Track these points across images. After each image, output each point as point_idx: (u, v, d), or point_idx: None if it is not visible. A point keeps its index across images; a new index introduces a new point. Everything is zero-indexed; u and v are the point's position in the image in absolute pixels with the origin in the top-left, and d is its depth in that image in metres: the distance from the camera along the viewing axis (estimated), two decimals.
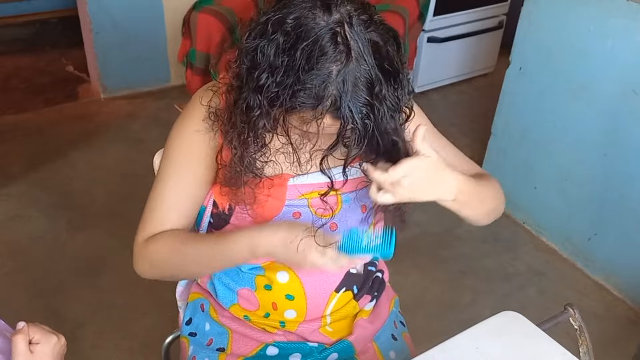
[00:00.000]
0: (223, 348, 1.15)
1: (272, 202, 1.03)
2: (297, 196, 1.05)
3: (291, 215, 1.05)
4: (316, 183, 1.05)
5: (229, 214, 1.06)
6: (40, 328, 0.88)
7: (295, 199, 1.05)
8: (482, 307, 2.22)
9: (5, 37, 4.07)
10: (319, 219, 1.06)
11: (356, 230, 0.93)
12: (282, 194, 1.03)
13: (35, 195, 2.65)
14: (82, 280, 2.23)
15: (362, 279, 1.15)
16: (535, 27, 2.37)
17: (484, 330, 1.06)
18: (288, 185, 1.04)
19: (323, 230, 0.95)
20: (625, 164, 2.17)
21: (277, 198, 1.03)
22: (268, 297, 1.10)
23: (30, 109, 3.32)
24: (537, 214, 2.59)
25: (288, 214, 1.05)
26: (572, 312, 1.13)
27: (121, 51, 3.35)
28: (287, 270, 1.08)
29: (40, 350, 0.86)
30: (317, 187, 1.05)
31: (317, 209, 1.06)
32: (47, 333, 0.88)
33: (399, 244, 0.93)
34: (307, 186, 1.05)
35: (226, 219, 1.07)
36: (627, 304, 2.28)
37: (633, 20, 2.02)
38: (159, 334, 1.37)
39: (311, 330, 1.13)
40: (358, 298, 1.16)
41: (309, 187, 1.05)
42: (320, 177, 1.04)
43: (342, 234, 0.93)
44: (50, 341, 0.87)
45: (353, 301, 1.15)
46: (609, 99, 2.16)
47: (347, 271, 1.12)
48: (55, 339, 0.88)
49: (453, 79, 3.77)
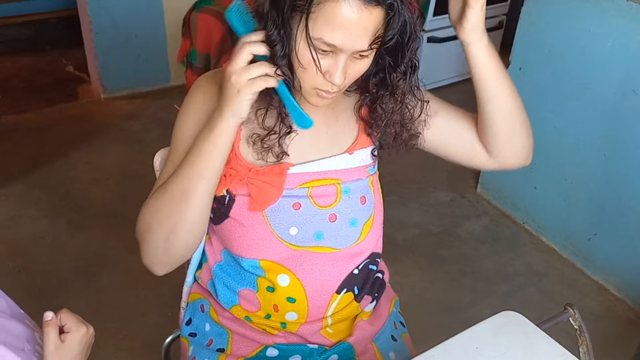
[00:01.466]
0: (223, 349, 1.15)
1: (270, 189, 1.03)
2: (297, 185, 1.05)
3: (291, 206, 1.05)
4: (317, 172, 1.06)
5: (229, 206, 1.06)
6: (72, 315, 0.90)
7: (296, 187, 1.05)
8: (482, 307, 2.22)
9: (5, 37, 4.08)
10: (318, 209, 1.06)
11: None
12: (280, 182, 1.03)
13: (35, 195, 2.65)
14: (82, 280, 2.23)
15: (362, 280, 1.15)
16: (535, 27, 2.37)
17: (484, 330, 1.06)
18: (288, 174, 1.04)
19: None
20: (625, 164, 2.17)
21: (275, 186, 1.03)
22: (269, 298, 1.10)
23: (30, 109, 3.32)
24: (537, 214, 2.59)
25: (287, 205, 1.05)
26: (572, 312, 1.13)
27: (121, 51, 3.36)
28: (287, 273, 1.08)
29: (70, 340, 0.88)
30: (318, 176, 1.06)
31: (316, 199, 1.06)
32: (78, 322, 0.90)
33: (399, 244, 0.94)
34: (309, 174, 1.05)
35: (226, 212, 1.06)
36: (627, 304, 2.28)
37: (633, 20, 2.03)
38: (159, 334, 1.36)
39: (312, 332, 1.13)
40: (359, 299, 1.16)
41: (310, 175, 1.05)
42: (321, 165, 1.05)
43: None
44: (80, 331, 0.89)
45: (354, 302, 1.15)
46: (609, 99, 2.16)
47: (349, 272, 1.12)
48: (85, 328, 0.90)
49: (453, 79, 3.77)
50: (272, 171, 1.02)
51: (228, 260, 1.13)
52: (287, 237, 1.06)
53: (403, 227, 2.58)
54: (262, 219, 1.05)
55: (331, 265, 1.09)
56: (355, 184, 1.09)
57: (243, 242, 1.06)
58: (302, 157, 1.05)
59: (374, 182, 1.14)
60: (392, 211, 1.14)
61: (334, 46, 0.86)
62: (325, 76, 0.90)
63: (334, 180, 1.07)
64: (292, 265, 1.07)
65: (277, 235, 1.05)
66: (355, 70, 0.92)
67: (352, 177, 1.09)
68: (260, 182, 1.03)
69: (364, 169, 1.10)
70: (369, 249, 1.14)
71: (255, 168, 1.02)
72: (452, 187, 2.88)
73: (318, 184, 1.06)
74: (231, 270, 1.13)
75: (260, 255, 1.07)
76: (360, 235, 1.10)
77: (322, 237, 1.07)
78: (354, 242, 1.10)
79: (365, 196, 1.11)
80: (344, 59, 0.88)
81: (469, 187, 2.89)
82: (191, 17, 3.00)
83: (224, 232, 1.09)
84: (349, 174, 1.08)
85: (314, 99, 0.96)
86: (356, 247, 1.11)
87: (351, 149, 1.08)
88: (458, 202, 2.80)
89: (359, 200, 1.10)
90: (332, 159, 1.07)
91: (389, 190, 1.20)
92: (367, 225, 1.11)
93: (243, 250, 1.07)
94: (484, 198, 2.81)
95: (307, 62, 0.89)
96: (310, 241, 1.07)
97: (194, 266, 1.22)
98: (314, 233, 1.07)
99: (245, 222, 1.05)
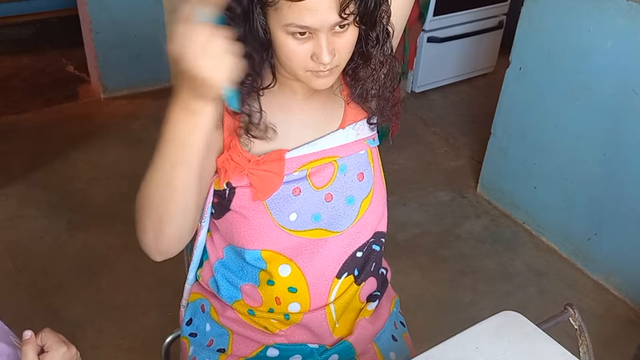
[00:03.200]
0: (223, 349, 1.15)
1: (272, 177, 1.03)
2: (296, 168, 1.05)
3: (291, 192, 1.05)
4: (313, 152, 1.05)
5: (229, 199, 1.06)
6: (53, 335, 0.88)
7: (295, 171, 1.04)
8: (482, 307, 2.22)
9: (5, 37, 4.07)
10: (315, 191, 1.06)
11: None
12: (280, 168, 1.03)
13: (35, 195, 2.65)
14: (82, 280, 2.23)
15: (363, 261, 1.14)
16: (535, 27, 2.37)
17: (484, 330, 1.06)
18: (286, 159, 1.03)
19: None
20: (625, 164, 2.17)
21: (276, 173, 1.03)
22: (271, 292, 1.10)
23: (30, 109, 3.32)
24: (537, 214, 2.59)
25: (287, 191, 1.04)
26: (572, 312, 1.13)
27: (121, 51, 3.35)
28: (288, 263, 1.08)
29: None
30: (315, 157, 1.06)
31: (314, 179, 1.06)
32: (58, 342, 0.87)
33: (399, 244, 0.93)
34: (306, 157, 1.05)
35: (227, 205, 1.06)
36: (627, 304, 2.28)
37: (633, 20, 2.03)
38: (159, 334, 1.37)
39: (317, 321, 1.13)
40: (359, 281, 1.15)
41: (308, 157, 1.05)
42: (317, 145, 1.05)
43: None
44: (60, 350, 0.86)
45: (354, 285, 1.15)
46: (609, 99, 2.16)
47: (349, 255, 1.11)
48: (64, 348, 0.87)
49: (453, 79, 3.77)
50: (270, 158, 1.02)
51: (230, 257, 1.13)
52: (287, 224, 1.05)
53: (403, 227, 2.58)
54: (263, 209, 1.04)
55: (331, 250, 1.09)
56: (353, 159, 1.09)
57: (245, 233, 1.06)
58: (298, 140, 1.05)
59: (373, 157, 1.13)
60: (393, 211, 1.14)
61: (307, 27, 0.86)
62: (314, 59, 0.90)
63: (331, 158, 1.06)
64: (292, 254, 1.07)
65: (277, 224, 1.05)
66: (342, 44, 0.92)
67: (349, 152, 1.08)
68: (261, 172, 1.02)
69: (362, 142, 1.10)
70: (370, 227, 1.13)
71: (254, 158, 1.02)
72: (452, 187, 2.88)
73: (316, 164, 1.06)
74: (233, 266, 1.13)
75: (262, 245, 1.06)
76: (358, 213, 1.10)
77: (320, 219, 1.07)
78: (353, 221, 1.10)
79: (364, 172, 1.10)
80: (325, 37, 0.88)
81: (469, 187, 2.89)
82: None
83: (225, 225, 1.09)
84: (346, 149, 1.08)
85: (314, 82, 0.95)
86: (356, 227, 1.10)
87: (343, 123, 1.08)
88: (458, 202, 2.80)
89: (355, 178, 1.09)
90: (327, 138, 1.06)
91: (389, 190, 1.20)
92: (365, 202, 1.10)
93: (245, 242, 1.07)
94: (484, 198, 2.81)
95: (290, 50, 0.90)
96: (309, 224, 1.06)
97: (196, 264, 1.22)
98: (312, 216, 1.06)
99: (247, 213, 1.05)
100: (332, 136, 1.07)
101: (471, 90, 3.79)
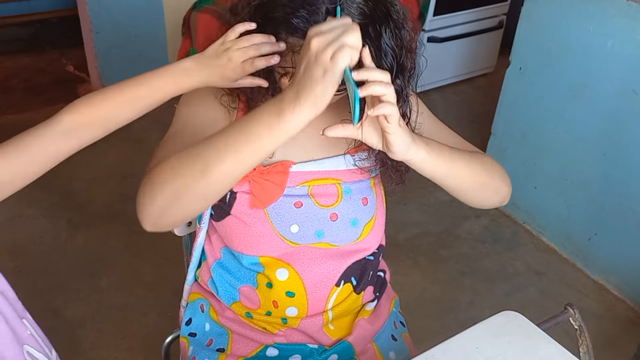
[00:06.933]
0: (223, 349, 1.15)
1: (273, 188, 1.03)
2: (298, 183, 1.05)
3: (292, 204, 1.05)
4: (318, 171, 1.06)
5: (230, 204, 1.06)
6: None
7: (296, 186, 1.05)
8: (482, 307, 2.22)
9: (5, 37, 4.07)
10: (320, 209, 1.06)
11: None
12: (282, 180, 1.03)
13: (35, 195, 2.65)
14: (82, 280, 2.23)
15: (359, 269, 1.15)
16: (535, 27, 2.37)
17: (484, 330, 1.06)
18: (290, 172, 1.04)
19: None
20: (625, 164, 2.17)
21: (277, 184, 1.03)
22: (269, 295, 1.10)
23: (30, 109, 3.32)
24: (537, 214, 2.59)
25: (289, 203, 1.05)
26: (572, 312, 1.13)
27: (121, 51, 3.35)
28: (286, 267, 1.08)
29: None
30: (319, 176, 1.06)
31: (318, 199, 1.06)
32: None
33: (400, 244, 0.93)
34: (310, 174, 1.05)
35: (227, 209, 1.06)
36: (627, 304, 2.28)
37: (633, 20, 2.03)
38: (158, 334, 1.37)
39: (314, 327, 1.13)
40: (359, 290, 1.15)
41: (311, 174, 1.05)
42: (323, 164, 1.05)
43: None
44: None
45: (354, 294, 1.15)
46: (609, 98, 2.16)
47: (348, 266, 1.11)
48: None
49: (453, 78, 3.77)
50: (275, 170, 1.03)
51: (227, 258, 1.13)
52: (287, 235, 1.06)
53: (403, 227, 2.58)
54: (264, 217, 1.05)
55: (330, 259, 1.09)
56: (356, 185, 1.09)
57: (244, 239, 1.06)
58: (304, 155, 1.05)
59: (375, 184, 1.14)
60: (393, 211, 1.14)
61: None
62: None
63: (335, 180, 1.07)
64: (290, 259, 1.07)
65: (278, 233, 1.05)
66: None
67: (352, 178, 1.09)
68: (263, 181, 1.03)
69: (366, 170, 1.10)
70: (370, 248, 1.14)
71: (259, 167, 1.02)
72: None
73: (318, 183, 1.06)
74: (231, 267, 1.13)
75: (261, 252, 1.07)
76: (360, 235, 1.11)
77: (323, 236, 1.08)
78: (354, 240, 1.10)
79: (367, 197, 1.11)
80: None
81: None
82: (191, 16, 3.00)
83: (225, 229, 1.09)
84: (350, 174, 1.08)
85: None
86: (355, 245, 1.11)
87: (352, 150, 1.08)
88: (458, 202, 2.77)
89: (360, 201, 1.10)
90: (333, 160, 1.07)
91: (388, 191, 1.20)
92: (368, 226, 1.11)
93: (244, 248, 1.07)
94: None
95: None
96: (311, 239, 1.07)
97: (195, 264, 1.22)
98: (315, 231, 1.07)
99: (247, 220, 1.05)
100: (338, 159, 1.07)
101: (471, 90, 3.79)
